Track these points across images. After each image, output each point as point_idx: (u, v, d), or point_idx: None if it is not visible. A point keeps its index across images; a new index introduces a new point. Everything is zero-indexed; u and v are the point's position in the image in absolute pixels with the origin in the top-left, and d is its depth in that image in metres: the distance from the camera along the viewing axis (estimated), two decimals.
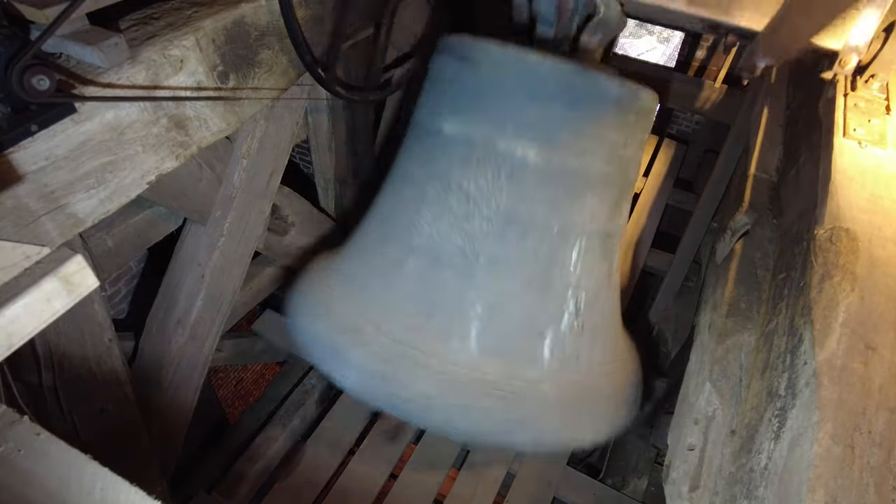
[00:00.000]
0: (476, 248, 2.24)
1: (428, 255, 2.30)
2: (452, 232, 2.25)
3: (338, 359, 2.34)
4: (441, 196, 2.26)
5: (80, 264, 1.45)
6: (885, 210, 1.71)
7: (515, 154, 2.17)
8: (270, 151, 2.71)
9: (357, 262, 2.53)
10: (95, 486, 1.03)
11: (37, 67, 1.40)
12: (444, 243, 2.26)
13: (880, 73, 2.08)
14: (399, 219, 2.41)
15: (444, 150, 2.28)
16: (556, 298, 2.32)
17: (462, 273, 2.26)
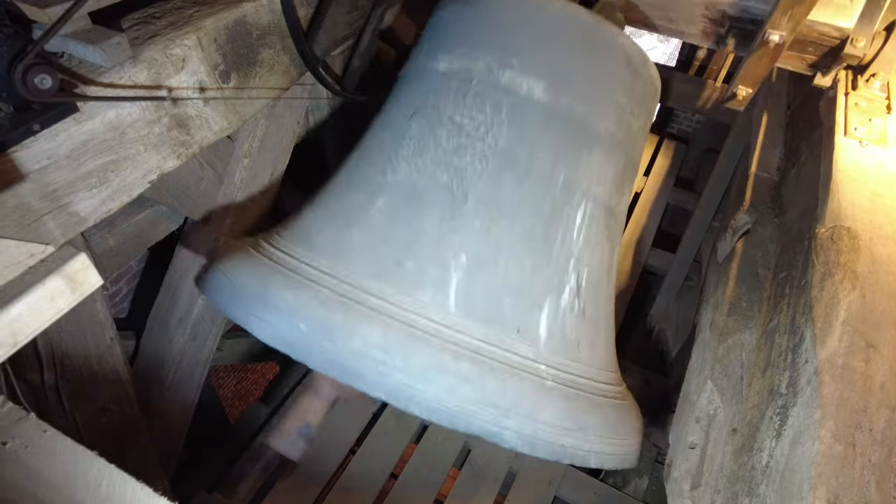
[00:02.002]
0: (465, 186, 1.87)
1: (403, 191, 1.90)
2: (438, 167, 1.88)
3: (261, 303, 1.77)
4: (426, 131, 1.93)
5: (84, 262, 1.45)
6: (887, 209, 1.71)
7: (520, 88, 1.93)
8: (271, 150, 2.71)
9: (310, 214, 2.06)
10: (101, 482, 1.03)
11: (39, 67, 1.41)
12: (425, 178, 1.89)
13: (881, 71, 2.09)
14: (371, 161, 2.03)
15: (435, 86, 2.00)
16: (556, 265, 1.93)
17: (445, 214, 1.85)
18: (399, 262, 1.81)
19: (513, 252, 1.88)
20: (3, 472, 1.09)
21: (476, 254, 1.85)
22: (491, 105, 1.91)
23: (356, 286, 1.76)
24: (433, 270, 1.81)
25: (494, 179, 1.89)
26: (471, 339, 1.74)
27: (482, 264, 1.85)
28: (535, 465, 3.49)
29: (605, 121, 2.05)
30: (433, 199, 1.87)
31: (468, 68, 1.97)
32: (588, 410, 1.84)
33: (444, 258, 1.82)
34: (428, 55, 2.12)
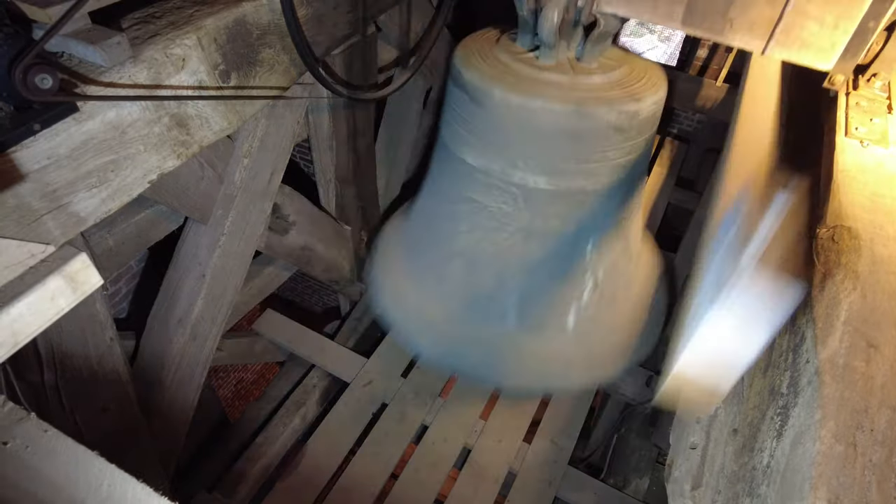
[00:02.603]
0: (505, 255, 2.71)
1: (467, 258, 2.82)
2: (485, 242, 2.73)
3: (413, 341, 3.14)
4: (472, 214, 2.68)
5: (84, 262, 1.45)
6: (887, 209, 1.71)
7: (528, 184, 2.50)
8: (271, 150, 2.71)
9: (417, 261, 3.13)
10: (102, 482, 1.03)
11: (40, 66, 1.40)
12: (479, 251, 2.77)
13: (882, 71, 2.08)
14: (441, 229, 2.94)
15: (469, 176, 2.63)
16: (576, 282, 2.80)
17: (497, 272, 2.80)
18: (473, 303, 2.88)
19: (546, 286, 2.80)
20: (4, 471, 1.09)
21: (520, 294, 2.82)
22: (510, 196, 2.55)
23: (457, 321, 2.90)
24: (496, 309, 2.86)
25: (524, 246, 2.68)
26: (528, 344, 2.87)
27: (527, 299, 2.83)
28: (536, 466, 3.49)
29: (603, 177, 2.52)
30: (486, 264, 2.79)
31: (489, 168, 2.56)
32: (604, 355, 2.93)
33: (501, 300, 2.84)
34: (454, 143, 2.69)
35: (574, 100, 2.35)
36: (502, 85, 2.36)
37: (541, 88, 2.36)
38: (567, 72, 2.44)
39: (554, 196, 2.54)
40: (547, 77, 2.40)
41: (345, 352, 4.02)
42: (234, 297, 2.94)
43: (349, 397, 3.75)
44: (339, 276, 4.01)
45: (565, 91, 2.37)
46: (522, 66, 2.44)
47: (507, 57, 2.48)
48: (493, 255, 2.76)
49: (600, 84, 2.42)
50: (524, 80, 2.39)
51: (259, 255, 3.24)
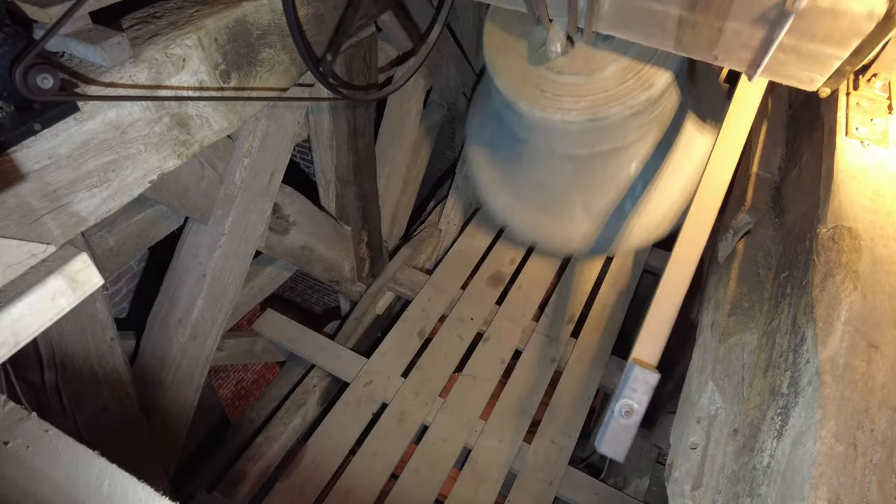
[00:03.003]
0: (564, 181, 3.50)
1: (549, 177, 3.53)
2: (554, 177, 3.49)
3: (511, 222, 3.97)
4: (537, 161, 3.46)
5: (84, 262, 1.45)
6: (888, 209, 1.71)
7: (569, 153, 3.21)
8: (272, 150, 2.71)
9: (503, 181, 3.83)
10: (103, 481, 1.03)
11: (40, 66, 1.41)
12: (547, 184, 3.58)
13: (882, 72, 2.09)
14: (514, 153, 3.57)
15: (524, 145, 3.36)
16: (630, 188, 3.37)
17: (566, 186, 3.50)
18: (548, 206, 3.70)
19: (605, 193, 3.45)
20: (5, 471, 1.09)
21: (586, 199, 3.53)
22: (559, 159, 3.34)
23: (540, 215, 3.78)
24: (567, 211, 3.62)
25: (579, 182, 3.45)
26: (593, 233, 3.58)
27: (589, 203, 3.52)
28: (536, 466, 3.49)
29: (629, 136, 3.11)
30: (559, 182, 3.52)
31: (534, 142, 3.31)
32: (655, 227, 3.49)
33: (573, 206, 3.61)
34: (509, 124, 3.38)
35: (591, 106, 2.85)
36: (526, 101, 2.93)
37: (560, 94, 2.88)
38: (581, 72, 2.82)
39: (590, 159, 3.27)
40: (564, 80, 2.84)
41: (345, 352, 4.02)
42: (234, 296, 2.94)
43: (349, 397, 3.75)
44: (339, 276, 4.00)
45: (583, 92, 2.83)
46: (541, 70, 2.90)
47: (525, 58, 2.96)
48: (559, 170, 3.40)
49: (614, 73, 2.79)
50: (543, 85, 2.89)
51: (259, 254, 3.24)
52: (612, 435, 1.60)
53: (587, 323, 4.18)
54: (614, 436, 1.59)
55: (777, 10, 1.75)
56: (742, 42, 1.93)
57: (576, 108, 2.80)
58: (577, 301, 4.33)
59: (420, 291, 4.35)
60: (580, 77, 2.78)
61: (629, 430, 1.59)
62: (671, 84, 2.84)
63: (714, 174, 2.08)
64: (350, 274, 4.11)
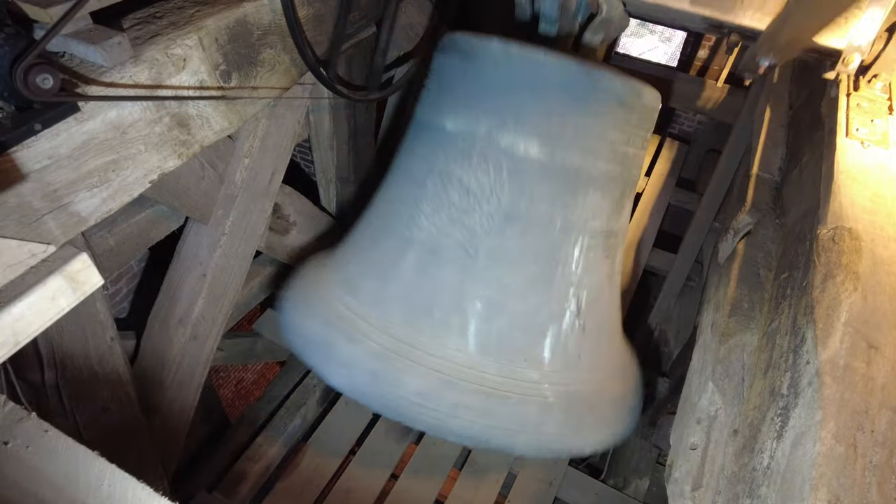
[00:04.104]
0: (476, 243, 2.18)
1: (426, 249, 2.24)
2: (452, 226, 2.20)
3: (329, 356, 2.30)
4: (441, 191, 2.21)
5: (84, 262, 1.45)
6: (888, 210, 1.71)
7: (517, 149, 2.14)
8: (272, 150, 2.71)
9: (353, 258, 2.47)
10: (102, 482, 1.03)
11: (41, 66, 1.41)
12: (443, 238, 2.21)
13: (883, 73, 2.08)
14: (398, 214, 2.35)
15: (445, 145, 2.24)
16: (557, 297, 2.26)
17: (461, 268, 2.20)
18: (428, 312, 2.21)
19: (520, 294, 2.21)
20: (5, 471, 1.09)
21: (489, 300, 2.20)
22: (493, 166, 2.13)
23: (397, 338, 2.20)
24: (455, 319, 2.20)
25: (500, 234, 2.17)
26: (487, 376, 2.16)
27: (494, 308, 2.20)
28: (536, 467, 3.49)
29: (599, 161, 2.23)
30: (451, 256, 2.20)
31: (472, 131, 2.17)
32: (585, 411, 2.22)
33: (464, 307, 2.19)
34: (436, 109, 2.32)
35: (579, 60, 2.14)
36: (501, 39, 2.13)
37: (543, 46, 2.15)
38: (568, 47, 2.30)
39: (544, 171, 2.15)
40: (549, 43, 2.22)
41: None
42: (234, 296, 2.94)
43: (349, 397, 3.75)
44: None
45: (569, 54, 2.19)
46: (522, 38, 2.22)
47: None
48: (457, 249, 2.17)
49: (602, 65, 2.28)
50: (525, 40, 2.18)
51: (259, 254, 3.24)
52: None
53: None
54: None
55: None
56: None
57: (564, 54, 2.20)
58: None
59: None
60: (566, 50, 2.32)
61: None
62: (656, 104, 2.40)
63: None
64: None
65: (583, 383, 2.29)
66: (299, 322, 2.42)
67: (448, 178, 2.20)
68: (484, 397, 2.13)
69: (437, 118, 2.29)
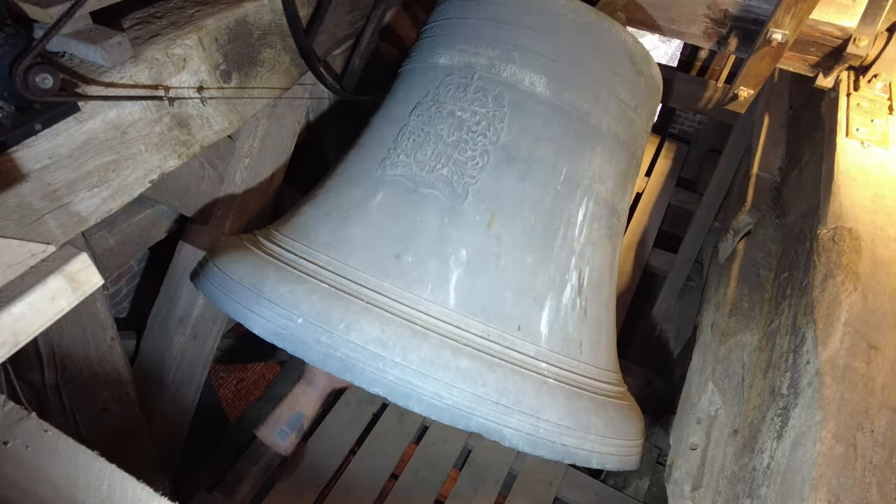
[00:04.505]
0: (466, 181, 1.84)
1: (403, 185, 1.87)
2: (438, 161, 1.86)
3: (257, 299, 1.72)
4: (427, 123, 1.91)
5: (84, 262, 1.45)
6: (888, 210, 1.71)
7: (522, 83, 1.90)
8: (272, 150, 2.71)
9: (306, 210, 2.04)
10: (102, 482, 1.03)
11: (41, 66, 1.41)
12: (425, 173, 1.85)
13: (883, 72, 2.08)
14: (370, 155, 2.00)
15: (436, 79, 1.97)
16: (557, 262, 1.90)
17: (445, 208, 1.82)
18: (398, 256, 1.77)
19: (514, 248, 1.85)
20: (5, 471, 1.09)
21: (476, 249, 1.82)
22: (493, 99, 1.88)
23: (354, 280, 1.73)
24: (433, 265, 1.77)
25: (495, 175, 1.85)
26: (471, 336, 1.71)
27: (482, 260, 1.81)
28: (536, 466, 3.49)
29: (609, 117, 2.02)
30: (433, 194, 1.84)
31: (470, 63, 1.94)
32: (591, 410, 1.81)
33: (444, 253, 1.79)
34: (429, 50, 2.08)
35: (593, 9, 1.99)
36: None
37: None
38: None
39: (551, 110, 1.90)
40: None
41: None
42: None
43: (349, 397, 3.75)
44: None
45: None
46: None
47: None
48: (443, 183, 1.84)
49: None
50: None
51: None
52: None
53: None
54: None
55: None
56: None
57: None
58: None
59: None
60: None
61: None
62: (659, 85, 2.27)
63: None
64: None
65: (586, 376, 1.88)
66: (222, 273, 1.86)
67: (437, 110, 1.91)
68: (467, 358, 1.65)
69: (429, 58, 2.03)
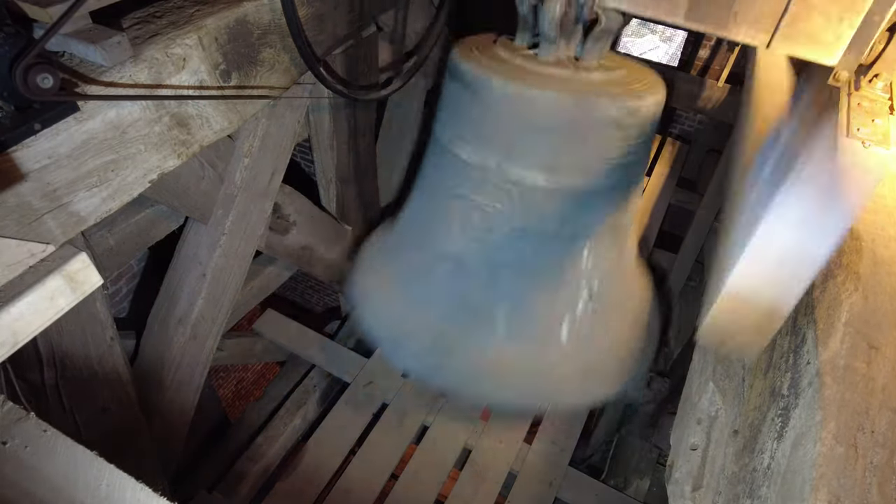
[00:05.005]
0: (496, 257, 2.59)
1: (456, 261, 2.67)
2: (476, 243, 2.59)
3: (398, 352, 2.94)
4: (465, 213, 2.57)
5: (84, 262, 1.45)
6: (889, 210, 1.71)
7: (525, 180, 2.39)
8: (272, 150, 2.71)
9: (401, 268, 2.97)
10: (101, 482, 1.03)
11: (40, 66, 1.40)
12: (469, 252, 2.63)
13: (884, 72, 2.08)
14: (431, 228, 2.78)
15: (464, 173, 2.53)
16: (570, 291, 2.64)
17: (486, 277, 2.64)
18: (460, 311, 2.69)
19: (538, 293, 2.65)
20: (4, 471, 1.09)
21: (513, 300, 2.65)
22: (506, 195, 2.44)
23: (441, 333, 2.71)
24: (484, 317, 2.67)
25: (517, 248, 2.55)
26: (515, 359, 2.65)
27: (518, 306, 2.65)
28: (536, 466, 3.49)
29: (601, 178, 2.44)
30: (476, 268, 2.64)
31: (484, 164, 2.44)
32: (599, 373, 2.73)
33: (490, 308, 2.66)
34: (449, 138, 2.58)
35: (574, 91, 2.28)
36: (501, 75, 2.28)
37: (540, 80, 2.29)
38: (567, 67, 2.38)
39: (551, 195, 2.43)
40: (547, 70, 2.34)
41: (345, 352, 4.02)
42: (234, 296, 2.94)
43: (349, 397, 3.75)
44: (339, 276, 4.01)
45: (565, 83, 2.30)
46: (522, 60, 2.37)
47: (505, 53, 2.42)
48: (484, 259, 2.65)
49: (601, 80, 2.37)
50: (523, 72, 2.32)
51: (259, 254, 3.24)
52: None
53: None
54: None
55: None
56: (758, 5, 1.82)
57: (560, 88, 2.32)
58: None
59: None
60: (565, 71, 2.40)
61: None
62: (657, 109, 2.48)
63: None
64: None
65: (596, 352, 2.75)
66: (371, 327, 2.93)
67: (470, 202, 2.55)
68: (513, 374, 2.66)
69: (452, 145, 2.56)
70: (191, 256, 2.69)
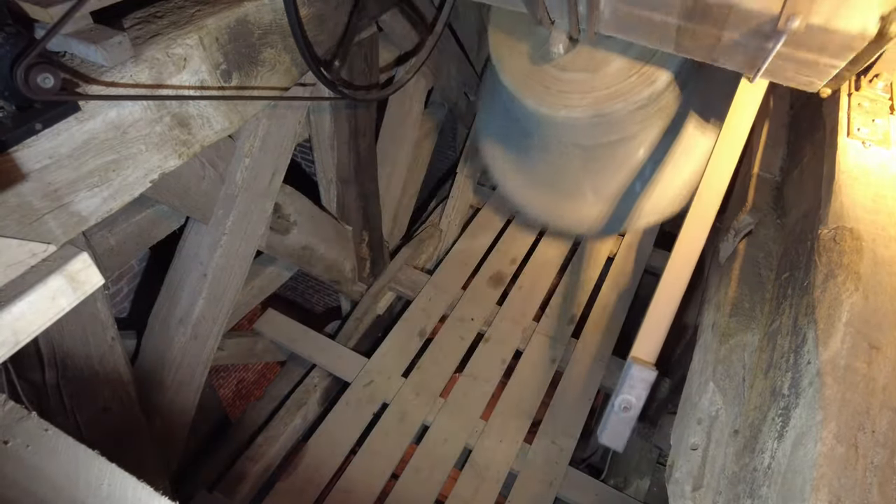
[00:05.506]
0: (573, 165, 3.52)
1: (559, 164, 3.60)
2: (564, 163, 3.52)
3: (525, 205, 3.94)
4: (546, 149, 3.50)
5: (85, 262, 1.45)
6: (889, 210, 1.71)
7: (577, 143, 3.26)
8: (273, 150, 2.71)
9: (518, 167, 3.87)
10: (103, 481, 1.03)
11: (41, 66, 1.41)
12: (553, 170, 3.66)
13: (884, 73, 2.08)
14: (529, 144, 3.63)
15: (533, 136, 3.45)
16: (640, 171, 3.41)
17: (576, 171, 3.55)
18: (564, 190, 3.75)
19: (614, 176, 3.48)
20: (5, 470, 1.09)
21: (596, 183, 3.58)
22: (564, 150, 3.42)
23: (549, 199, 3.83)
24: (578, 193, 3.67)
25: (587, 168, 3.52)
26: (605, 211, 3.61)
27: (599, 186, 3.57)
28: (536, 466, 3.49)
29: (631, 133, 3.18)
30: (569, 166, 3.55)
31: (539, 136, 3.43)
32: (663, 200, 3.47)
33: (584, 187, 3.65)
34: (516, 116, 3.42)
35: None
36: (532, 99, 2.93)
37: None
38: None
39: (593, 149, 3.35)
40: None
41: (346, 352, 4.02)
42: (235, 296, 2.94)
43: (350, 397, 3.75)
44: (340, 276, 4.01)
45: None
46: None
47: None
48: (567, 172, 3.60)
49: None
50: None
51: (260, 254, 3.24)
52: (612, 428, 1.76)
53: (588, 323, 4.18)
54: (614, 429, 1.76)
55: (771, 26, 1.77)
56: (740, 49, 1.95)
57: (580, 104, 2.82)
58: (578, 301, 4.33)
59: (421, 291, 4.35)
60: (584, 74, 2.79)
61: (627, 424, 1.74)
62: (674, 79, 2.85)
63: (714, 173, 2.08)
64: (351, 274, 4.12)
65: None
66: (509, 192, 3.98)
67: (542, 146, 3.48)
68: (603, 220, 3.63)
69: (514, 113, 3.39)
70: (192, 256, 2.69)
